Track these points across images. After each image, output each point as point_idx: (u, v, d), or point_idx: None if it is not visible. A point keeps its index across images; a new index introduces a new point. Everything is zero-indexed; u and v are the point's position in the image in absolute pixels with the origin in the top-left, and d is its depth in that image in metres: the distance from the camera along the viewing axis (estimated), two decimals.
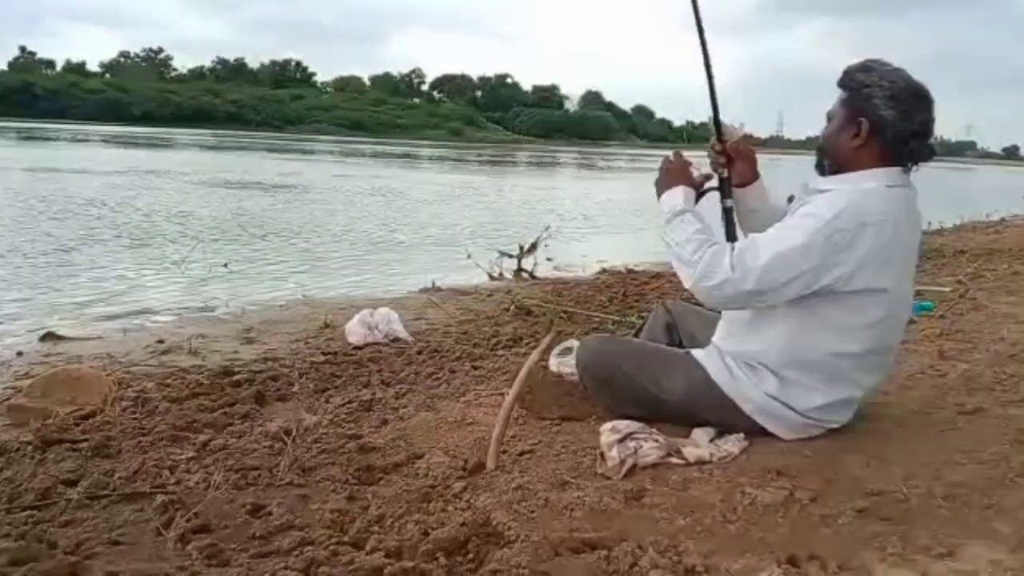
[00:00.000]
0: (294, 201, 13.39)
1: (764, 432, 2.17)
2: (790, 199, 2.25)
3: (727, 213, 2.25)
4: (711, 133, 2.34)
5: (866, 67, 2.05)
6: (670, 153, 2.33)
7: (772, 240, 1.98)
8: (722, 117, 2.33)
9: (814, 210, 1.98)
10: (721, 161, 2.27)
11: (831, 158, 2.11)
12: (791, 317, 2.05)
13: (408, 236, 9.72)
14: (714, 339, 2.27)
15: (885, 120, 1.99)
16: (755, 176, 2.34)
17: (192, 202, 12.10)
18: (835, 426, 2.19)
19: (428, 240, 9.48)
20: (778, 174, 2.63)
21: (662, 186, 2.24)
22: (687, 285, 2.07)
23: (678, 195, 2.19)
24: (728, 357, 2.18)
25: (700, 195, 2.25)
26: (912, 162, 2.05)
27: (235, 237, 8.80)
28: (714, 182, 2.28)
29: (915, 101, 2.00)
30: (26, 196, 11.59)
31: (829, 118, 2.13)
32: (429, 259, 8.00)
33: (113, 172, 17.30)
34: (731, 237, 2.22)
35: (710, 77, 2.23)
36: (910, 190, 2.07)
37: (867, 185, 2.01)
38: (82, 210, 10.34)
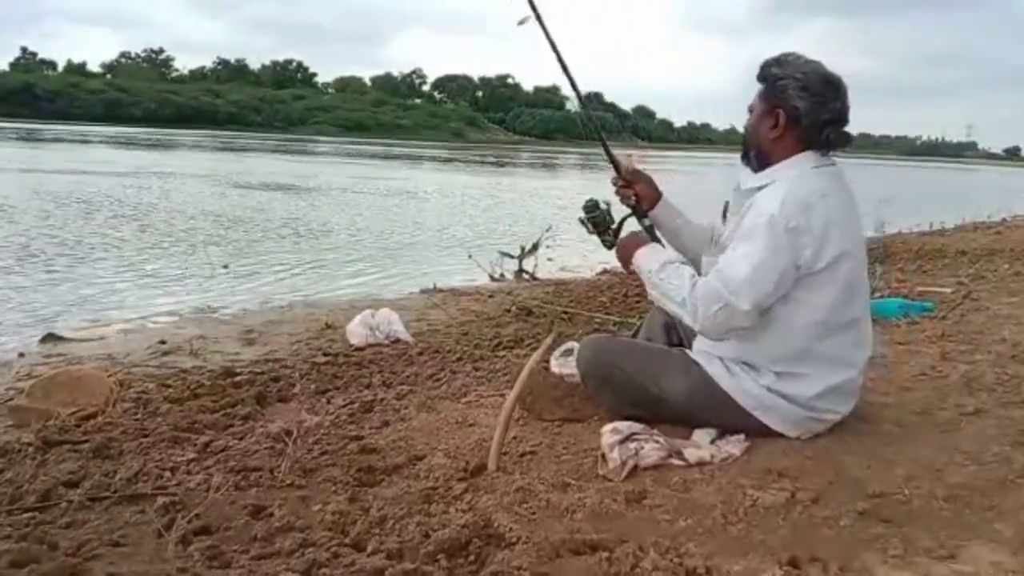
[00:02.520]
0: (298, 203, 13.39)
1: (765, 432, 2.17)
2: (726, 208, 2.37)
3: (648, 230, 2.45)
4: (702, 135, 2.44)
5: (780, 61, 2.16)
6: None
7: (742, 255, 2.06)
8: (717, 122, 2.43)
9: (761, 209, 2.07)
10: (627, 192, 2.49)
11: (755, 150, 2.21)
12: (776, 315, 2.10)
13: (410, 237, 9.72)
14: (697, 345, 2.29)
15: (799, 110, 2.09)
16: (659, 193, 2.52)
17: (192, 204, 12.10)
18: (835, 418, 2.20)
19: (430, 241, 9.48)
20: None
21: (628, 254, 2.35)
22: (695, 327, 2.14)
23: (651, 251, 2.32)
24: (722, 358, 2.19)
25: (620, 225, 2.47)
26: (829, 148, 2.15)
27: (236, 238, 8.81)
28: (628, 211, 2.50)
29: (827, 90, 2.10)
30: (28, 198, 11.60)
31: (750, 111, 2.23)
32: (430, 260, 8.01)
33: (119, 174, 17.30)
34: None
35: (596, 126, 2.62)
36: (835, 168, 2.18)
37: (795, 171, 2.11)
38: (84, 213, 10.35)
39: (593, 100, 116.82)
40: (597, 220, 2.47)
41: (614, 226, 2.46)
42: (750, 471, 2.03)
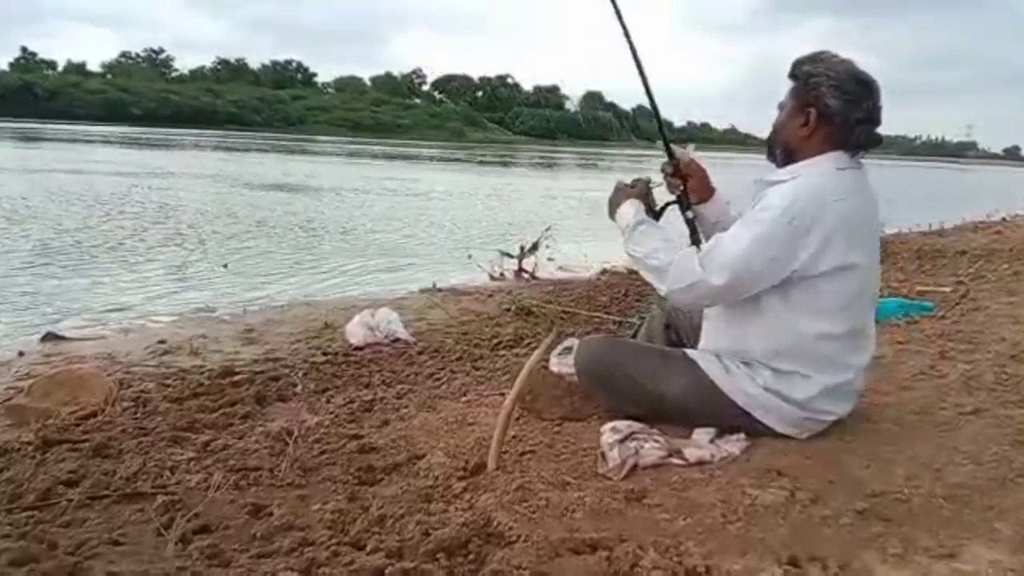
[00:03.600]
0: (298, 202, 13.38)
1: (764, 430, 2.17)
2: None
3: (690, 223, 2.39)
4: (702, 135, 2.41)
5: (813, 58, 2.13)
6: (633, 179, 2.45)
7: (735, 236, 2.06)
8: (716, 121, 2.39)
9: (771, 201, 2.05)
10: (675, 182, 2.40)
11: (782, 147, 2.19)
12: (771, 308, 2.09)
13: (410, 237, 9.72)
14: (701, 345, 2.30)
15: (831, 108, 2.07)
16: (710, 192, 2.46)
17: (193, 204, 12.10)
18: (832, 418, 2.19)
19: (430, 240, 9.48)
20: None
21: (613, 206, 2.36)
22: (661, 291, 2.15)
23: (630, 209, 2.30)
24: (722, 356, 2.19)
25: (661, 211, 2.40)
26: (859, 148, 2.12)
27: (236, 237, 8.80)
28: (672, 198, 2.42)
29: (859, 89, 2.07)
30: (26, 198, 11.59)
31: (780, 108, 2.20)
32: (430, 259, 8.00)
33: (119, 174, 17.30)
34: (697, 244, 2.33)
35: (654, 105, 2.40)
36: (860, 171, 2.14)
37: (818, 169, 2.08)
38: (84, 212, 10.35)
39: (594, 100, 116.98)
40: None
41: (656, 208, 2.39)
42: (749, 470, 2.03)
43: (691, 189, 2.41)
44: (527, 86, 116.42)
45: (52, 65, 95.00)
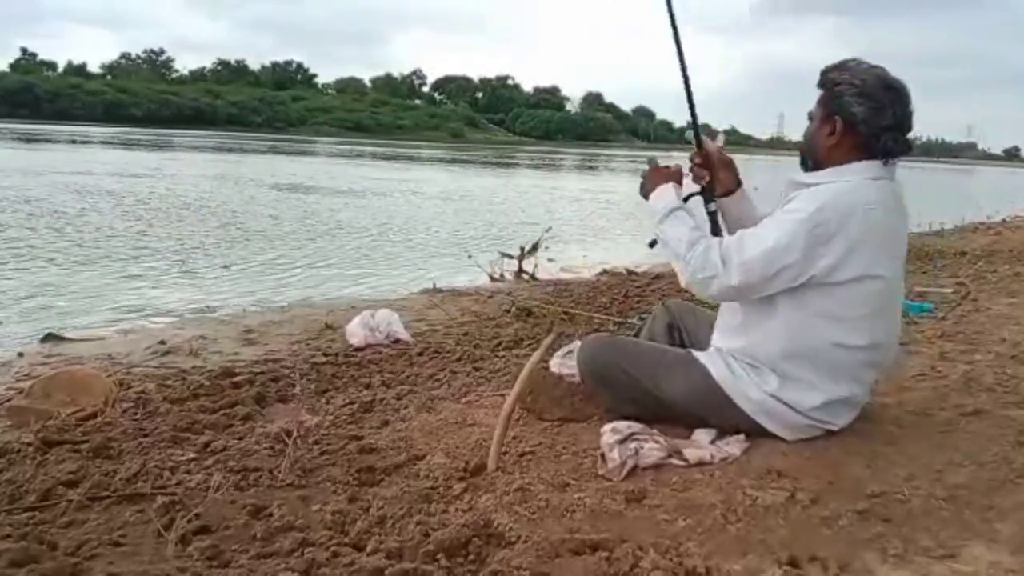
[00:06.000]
0: (299, 203, 13.38)
1: (764, 432, 2.17)
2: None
3: (712, 216, 2.32)
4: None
5: (840, 66, 2.11)
6: (651, 156, 2.43)
7: (757, 236, 2.05)
8: (716, 122, 2.36)
9: (798, 205, 2.04)
10: (701, 173, 2.34)
11: (812, 157, 2.17)
12: (786, 311, 2.09)
13: (409, 237, 9.72)
14: (713, 341, 2.28)
15: (856, 116, 2.05)
16: (738, 184, 2.41)
17: (194, 205, 12.10)
18: (834, 428, 2.19)
19: (429, 241, 9.48)
20: (778, 175, 2.67)
21: (649, 186, 2.31)
22: (682, 282, 2.16)
23: (668, 193, 2.26)
24: (729, 356, 2.18)
25: (685, 201, 2.30)
26: (888, 156, 2.08)
27: (236, 238, 8.81)
28: (697, 188, 2.35)
29: (886, 96, 2.04)
30: (26, 199, 11.59)
31: (810, 118, 2.19)
32: (430, 260, 8.01)
33: (119, 175, 17.30)
34: (717, 236, 2.27)
35: (689, 91, 2.31)
36: (893, 182, 2.12)
37: (850, 178, 2.06)
38: (83, 213, 10.35)
39: (594, 101, 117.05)
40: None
41: (681, 198, 2.30)
42: (750, 471, 2.03)
43: (718, 181, 2.36)
44: (527, 87, 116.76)
45: (52, 66, 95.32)
